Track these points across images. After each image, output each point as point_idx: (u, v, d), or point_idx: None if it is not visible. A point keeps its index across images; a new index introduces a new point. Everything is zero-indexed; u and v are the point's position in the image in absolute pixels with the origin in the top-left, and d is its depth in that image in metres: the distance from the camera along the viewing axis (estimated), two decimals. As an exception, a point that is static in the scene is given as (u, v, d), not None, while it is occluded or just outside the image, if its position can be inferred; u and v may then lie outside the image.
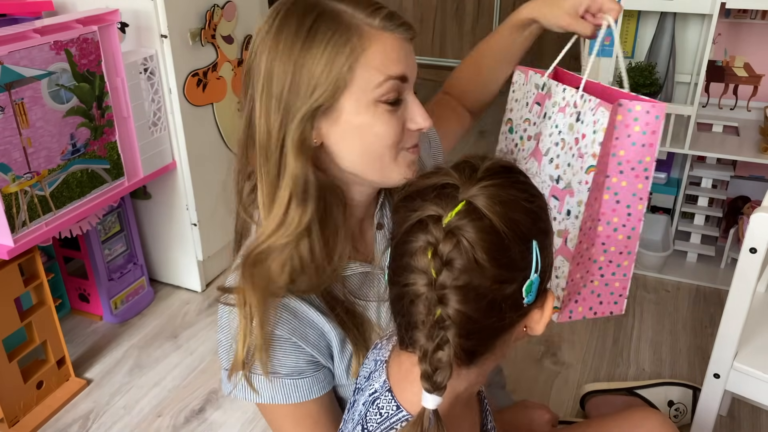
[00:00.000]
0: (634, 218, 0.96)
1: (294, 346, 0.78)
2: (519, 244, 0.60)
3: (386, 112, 0.73)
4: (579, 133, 0.93)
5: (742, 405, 1.50)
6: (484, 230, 0.58)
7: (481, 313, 0.59)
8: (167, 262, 1.97)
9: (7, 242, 1.34)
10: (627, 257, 1.00)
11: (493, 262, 0.58)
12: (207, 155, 1.85)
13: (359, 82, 0.71)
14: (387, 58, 0.72)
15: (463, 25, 3.79)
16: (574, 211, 0.95)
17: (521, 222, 0.60)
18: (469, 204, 0.59)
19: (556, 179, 0.97)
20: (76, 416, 1.53)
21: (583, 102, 0.93)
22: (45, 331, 1.52)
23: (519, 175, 0.65)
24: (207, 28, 1.74)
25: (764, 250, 0.98)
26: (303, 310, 0.79)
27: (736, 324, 1.05)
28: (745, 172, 2.00)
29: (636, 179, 0.93)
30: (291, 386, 0.80)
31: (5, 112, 1.28)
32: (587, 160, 0.91)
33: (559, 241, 0.98)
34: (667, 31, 1.88)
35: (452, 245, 0.58)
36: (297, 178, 0.73)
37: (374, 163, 0.76)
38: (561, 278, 0.99)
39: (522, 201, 0.61)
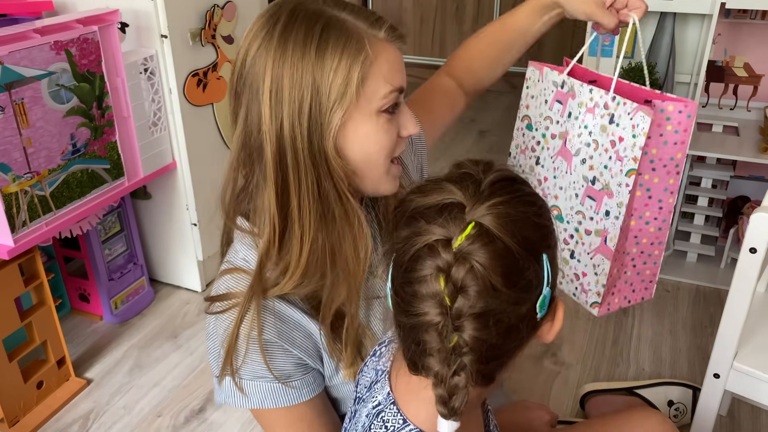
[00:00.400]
0: (665, 211, 0.99)
1: (281, 349, 0.78)
2: (533, 262, 0.58)
3: (387, 121, 0.75)
4: (615, 136, 0.94)
5: (742, 405, 1.50)
6: (497, 253, 0.56)
7: (499, 337, 0.57)
8: (167, 262, 1.97)
9: (7, 242, 1.34)
10: (658, 247, 1.03)
11: (509, 284, 0.56)
12: (207, 155, 1.85)
13: (368, 92, 0.72)
14: (392, 69, 0.74)
15: (463, 25, 3.79)
16: (614, 212, 0.96)
17: (533, 239, 0.59)
18: (479, 226, 0.56)
19: (591, 180, 0.99)
20: (76, 416, 1.53)
21: (616, 104, 0.94)
22: (45, 331, 1.52)
23: (524, 187, 0.63)
24: (207, 28, 1.74)
25: (764, 250, 0.98)
26: (288, 312, 0.78)
27: (736, 324, 1.05)
28: (745, 172, 2.00)
29: (668, 175, 0.96)
30: (279, 390, 0.79)
31: (5, 112, 1.28)
32: (627, 164, 0.93)
33: (598, 240, 1.01)
34: (667, 31, 1.88)
35: (465, 270, 0.55)
36: (331, 185, 0.74)
37: (372, 171, 0.77)
38: (601, 275, 1.02)
39: (531, 216, 0.59)
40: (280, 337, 0.78)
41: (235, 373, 0.78)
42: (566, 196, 1.07)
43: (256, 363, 0.77)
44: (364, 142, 0.74)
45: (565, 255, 1.10)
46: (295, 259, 0.76)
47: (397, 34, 0.76)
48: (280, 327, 0.78)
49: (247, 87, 0.73)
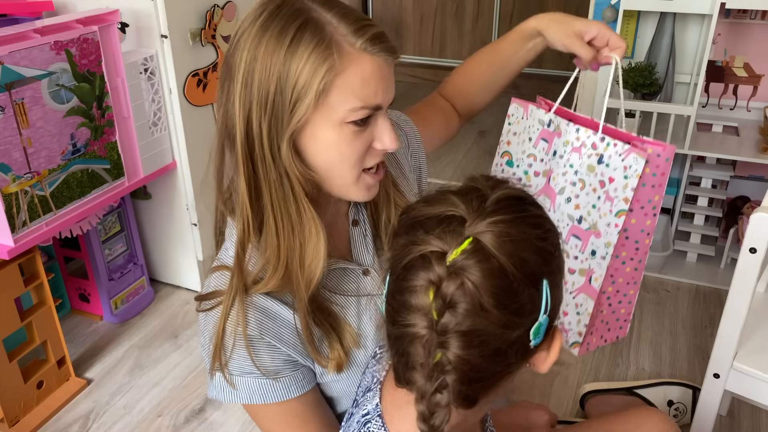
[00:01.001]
0: (642, 252, 0.98)
1: (268, 345, 0.78)
2: (529, 286, 0.56)
3: (352, 133, 0.73)
4: (604, 176, 0.94)
5: (742, 405, 1.50)
6: (491, 272, 0.54)
7: (484, 359, 0.55)
8: (167, 262, 1.97)
9: (8, 242, 1.34)
10: (633, 287, 1.02)
11: (499, 306, 0.54)
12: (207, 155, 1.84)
13: (332, 100, 0.71)
14: (364, 83, 0.71)
15: (463, 25, 3.79)
16: (601, 251, 0.96)
17: (532, 262, 0.56)
18: (476, 242, 0.55)
19: (577, 219, 0.98)
20: (76, 416, 1.53)
21: (605, 145, 0.94)
22: (45, 331, 1.52)
23: (532, 208, 0.60)
24: (207, 28, 1.74)
25: (764, 250, 0.98)
26: (275, 309, 0.78)
27: (736, 324, 1.05)
28: (744, 172, 2.00)
29: (645, 217, 0.95)
30: (268, 386, 0.79)
31: (5, 112, 1.28)
32: (618, 204, 0.93)
33: (582, 279, 0.99)
34: (667, 31, 1.88)
35: (456, 286, 0.54)
36: (289, 184, 0.74)
37: (336, 179, 0.77)
38: (583, 315, 1.01)
39: (534, 239, 0.57)
40: (265, 333, 0.77)
41: (224, 368, 0.78)
42: None
43: (243, 359, 0.77)
44: (326, 150, 0.74)
45: None
46: (274, 256, 0.75)
47: (382, 45, 0.71)
48: (264, 323, 0.78)
49: (228, 72, 0.74)
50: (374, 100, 0.72)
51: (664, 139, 1.84)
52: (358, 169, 0.76)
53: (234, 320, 0.76)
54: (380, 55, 0.71)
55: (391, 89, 0.75)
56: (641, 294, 1.92)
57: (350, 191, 0.78)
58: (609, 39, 0.95)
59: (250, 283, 0.77)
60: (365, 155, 0.76)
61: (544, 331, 0.58)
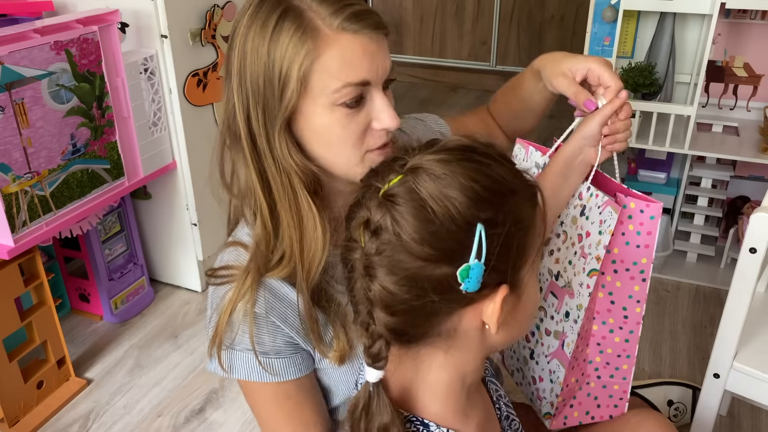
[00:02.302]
0: (632, 321, 0.91)
1: (272, 325, 0.78)
2: (452, 225, 0.56)
3: (345, 116, 0.73)
4: (583, 230, 0.87)
5: (742, 405, 1.50)
6: (414, 207, 0.56)
7: (404, 290, 0.57)
8: (167, 262, 1.97)
9: (8, 242, 1.34)
10: (626, 360, 0.95)
11: (419, 240, 0.56)
12: (207, 155, 1.84)
13: (315, 84, 0.71)
14: (345, 63, 0.70)
15: (463, 25, 3.79)
16: (573, 314, 0.89)
17: (458, 203, 0.56)
18: (406, 176, 0.58)
19: (555, 275, 0.92)
20: (76, 416, 1.53)
21: (589, 195, 0.87)
22: (45, 331, 1.52)
23: (480, 156, 0.60)
24: (207, 28, 1.74)
25: (764, 250, 0.98)
26: (284, 291, 0.79)
27: (736, 324, 1.05)
28: (744, 172, 2.00)
29: (631, 281, 0.87)
30: (267, 364, 0.80)
31: (5, 112, 1.28)
32: (590, 263, 0.85)
33: (556, 343, 0.93)
34: (667, 31, 1.88)
35: (381, 216, 0.57)
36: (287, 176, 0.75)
37: (339, 163, 0.77)
38: (555, 383, 0.94)
39: (465, 180, 0.57)
40: (271, 312, 0.78)
41: (225, 344, 0.79)
42: None
43: (246, 336, 0.78)
44: (322, 135, 0.74)
45: (525, 354, 1.01)
46: (288, 247, 0.77)
47: (363, 23, 0.70)
48: (272, 303, 0.78)
49: (227, 69, 0.76)
50: (356, 77, 0.71)
51: (664, 139, 1.85)
52: (359, 150, 0.75)
53: (243, 297, 0.77)
54: (362, 32, 0.71)
55: (380, 65, 0.73)
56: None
57: (356, 171, 0.76)
58: (601, 75, 0.85)
59: (264, 270, 0.78)
60: (364, 136, 0.75)
61: (480, 279, 0.57)
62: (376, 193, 0.59)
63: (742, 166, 1.97)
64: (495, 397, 0.78)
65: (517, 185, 0.60)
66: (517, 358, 1.04)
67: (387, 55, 0.74)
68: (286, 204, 0.76)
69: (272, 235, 0.77)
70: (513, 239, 0.59)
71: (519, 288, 0.62)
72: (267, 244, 0.77)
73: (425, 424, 0.64)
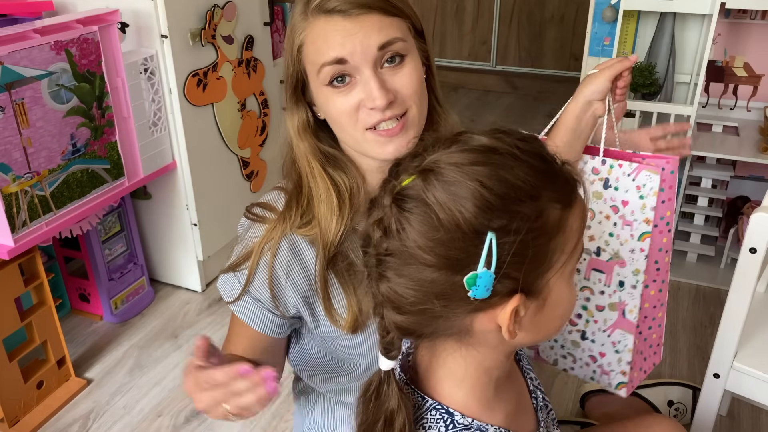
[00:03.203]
0: (663, 271, 0.94)
1: (274, 276, 0.82)
2: (457, 232, 0.54)
3: (334, 94, 0.77)
4: (616, 201, 0.90)
5: (742, 405, 1.50)
6: (421, 211, 0.55)
7: (410, 293, 0.57)
8: (167, 262, 1.97)
9: (8, 242, 1.34)
10: (660, 308, 0.98)
11: (423, 245, 0.55)
12: (207, 155, 1.85)
13: (308, 68, 0.79)
14: (318, 47, 0.76)
15: (463, 25, 3.79)
16: (630, 280, 0.91)
17: (466, 210, 0.54)
18: (417, 179, 0.56)
19: (595, 252, 0.94)
20: (76, 416, 1.53)
21: (609, 168, 0.90)
22: (45, 331, 1.52)
23: (500, 156, 0.56)
24: (207, 28, 1.74)
25: (764, 250, 0.98)
26: (303, 248, 0.82)
27: (736, 324, 1.05)
28: (744, 172, 2.00)
29: (660, 234, 0.91)
30: (244, 303, 0.84)
31: (5, 112, 1.28)
32: (639, 227, 0.88)
33: (615, 314, 0.94)
34: (667, 31, 1.88)
35: (391, 217, 0.57)
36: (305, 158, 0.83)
37: (347, 140, 0.81)
38: (624, 352, 0.96)
39: (477, 185, 0.54)
40: (281, 264, 0.82)
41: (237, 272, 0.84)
42: None
43: (256, 278, 0.82)
44: (325, 111, 0.81)
45: (574, 337, 1.02)
46: (314, 213, 0.81)
47: (327, 6, 0.74)
48: (287, 257, 0.82)
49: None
50: (328, 57, 0.75)
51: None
52: (357, 130, 0.78)
53: (267, 245, 0.82)
54: (335, 13, 0.74)
55: (360, 42, 0.74)
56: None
57: (365, 149, 0.80)
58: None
59: (296, 225, 0.82)
60: (356, 114, 0.77)
61: (489, 286, 0.55)
62: (391, 192, 0.58)
63: (742, 166, 1.97)
64: (532, 386, 0.78)
65: (541, 188, 0.56)
66: (561, 345, 1.05)
67: (373, 32, 0.74)
68: (305, 174, 0.82)
69: (300, 196, 0.82)
70: (528, 247, 0.55)
71: (541, 293, 0.59)
72: (297, 204, 0.82)
73: (450, 413, 0.64)
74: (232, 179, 1.98)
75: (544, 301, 0.60)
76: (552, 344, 1.07)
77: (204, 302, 1.93)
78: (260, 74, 2.00)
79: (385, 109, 0.76)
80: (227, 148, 1.92)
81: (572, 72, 3.46)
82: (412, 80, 0.78)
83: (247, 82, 1.94)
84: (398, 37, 0.76)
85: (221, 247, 1.98)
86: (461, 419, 0.64)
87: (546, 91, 3.57)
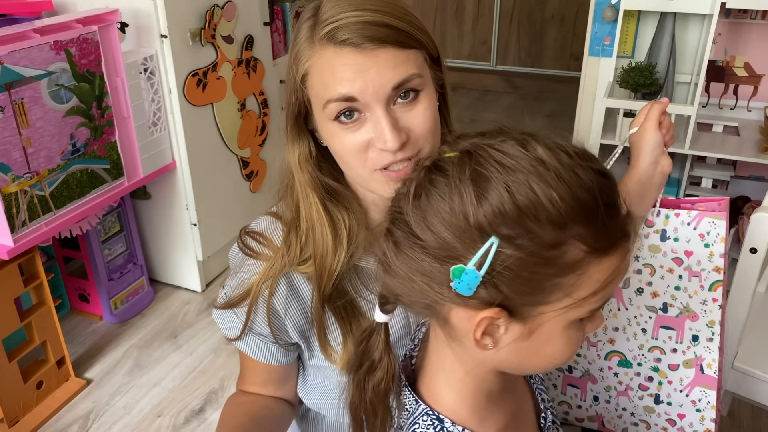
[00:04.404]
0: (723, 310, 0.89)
1: (272, 310, 0.80)
2: (463, 221, 0.54)
3: (340, 131, 0.70)
4: (678, 252, 0.84)
5: (742, 405, 1.50)
6: (442, 185, 0.55)
7: (398, 259, 0.57)
8: (167, 262, 1.97)
9: (7, 242, 1.34)
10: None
11: (429, 217, 0.55)
12: (207, 155, 1.85)
13: (312, 98, 0.72)
14: (325, 80, 0.68)
15: (463, 25, 3.79)
16: (705, 333, 0.86)
17: (482, 207, 0.53)
18: (458, 155, 0.56)
19: (661, 308, 0.88)
20: (76, 416, 1.53)
21: (664, 218, 0.84)
22: (45, 331, 1.52)
23: (551, 170, 0.53)
24: (207, 28, 1.74)
25: (764, 250, 0.98)
26: (301, 284, 0.80)
27: (736, 324, 1.05)
28: (745, 172, 2.00)
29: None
30: (255, 344, 0.83)
31: (5, 112, 1.28)
32: (709, 276, 0.83)
33: (691, 372, 0.89)
34: (667, 31, 1.88)
35: (418, 180, 0.57)
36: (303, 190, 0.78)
37: (353, 176, 0.76)
38: (707, 409, 0.90)
39: (503, 190, 0.53)
40: (279, 302, 0.80)
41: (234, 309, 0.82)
42: (627, 335, 0.92)
43: (256, 316, 0.81)
44: (329, 144, 0.74)
45: (647, 402, 0.95)
46: (312, 248, 0.78)
47: (340, 38, 0.67)
48: (285, 294, 0.80)
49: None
50: (336, 92, 0.68)
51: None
52: (364, 168, 0.72)
53: (265, 283, 0.79)
54: (347, 46, 0.67)
55: (373, 79, 0.67)
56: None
57: (372, 187, 0.74)
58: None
59: (294, 263, 0.79)
60: (365, 153, 0.71)
61: (472, 287, 0.54)
62: (432, 160, 0.57)
63: (743, 166, 1.97)
64: (543, 406, 0.77)
65: (572, 221, 0.53)
66: (631, 413, 0.98)
67: (387, 69, 0.68)
68: (304, 208, 0.78)
69: (298, 230, 0.79)
70: (528, 269, 0.53)
71: (528, 321, 0.56)
72: (296, 239, 0.79)
73: (441, 419, 0.64)
74: (232, 179, 1.98)
75: (530, 332, 0.57)
76: (620, 413, 0.99)
77: (204, 302, 1.93)
78: (260, 74, 2.00)
79: (398, 151, 0.70)
80: (227, 148, 1.92)
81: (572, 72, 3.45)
82: (426, 119, 0.71)
83: (246, 82, 1.94)
84: (414, 74, 0.69)
85: (221, 247, 1.98)
86: (451, 427, 0.64)
87: (546, 91, 3.57)
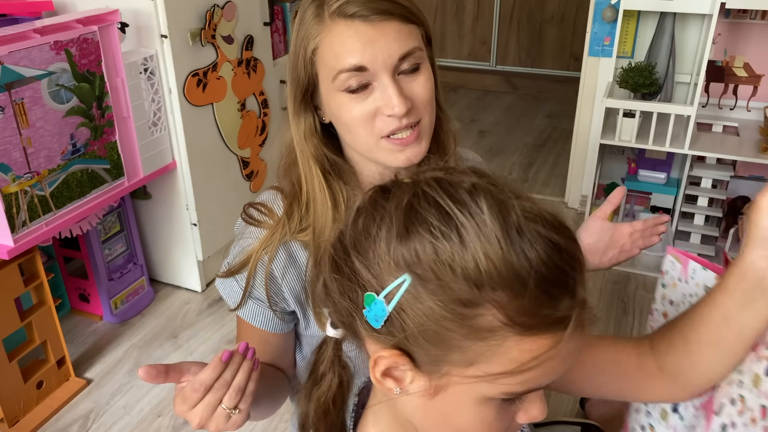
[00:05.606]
0: None
1: (271, 277, 0.82)
2: (383, 248, 0.50)
3: (350, 101, 0.75)
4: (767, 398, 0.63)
5: (742, 405, 1.50)
6: (381, 204, 0.53)
7: (330, 272, 0.55)
8: (167, 262, 1.97)
9: (7, 242, 1.34)
10: None
11: (356, 233, 0.53)
12: (207, 155, 1.85)
13: (321, 70, 0.76)
14: (336, 52, 0.73)
15: (463, 25, 3.79)
16: None
17: (404, 241, 0.49)
18: (413, 180, 0.53)
19: None
20: (76, 416, 1.53)
21: None
22: (45, 331, 1.52)
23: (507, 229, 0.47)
24: (207, 28, 1.74)
25: (764, 250, 0.98)
26: (298, 252, 0.82)
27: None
28: (745, 172, 2.00)
29: None
30: (253, 309, 0.85)
31: (5, 112, 1.28)
32: None
33: None
34: (667, 31, 1.88)
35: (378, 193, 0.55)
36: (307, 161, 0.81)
37: (358, 144, 0.79)
38: None
39: (428, 228, 0.48)
40: (277, 267, 0.82)
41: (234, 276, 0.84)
42: None
43: (255, 281, 0.83)
44: (337, 117, 0.78)
45: None
46: (311, 216, 0.81)
47: (357, 9, 0.72)
48: (284, 262, 0.82)
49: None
50: (347, 62, 0.73)
51: (664, 140, 1.85)
52: (370, 136, 0.77)
53: (265, 249, 0.82)
54: (356, 18, 0.72)
55: (382, 50, 0.72)
56: (641, 294, 1.91)
57: (377, 156, 0.79)
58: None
59: (294, 231, 0.82)
60: (372, 121, 0.75)
61: (380, 320, 0.50)
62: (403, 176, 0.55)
63: (743, 166, 1.97)
64: None
65: (492, 284, 0.47)
66: None
67: (394, 40, 0.73)
68: (305, 179, 0.81)
69: (299, 200, 0.81)
70: (434, 319, 0.48)
71: (432, 378, 0.51)
72: (298, 209, 0.81)
73: None
74: (232, 179, 1.98)
75: (436, 391, 0.52)
76: None
77: (204, 302, 1.93)
78: (260, 74, 2.01)
79: (403, 116, 0.75)
80: (227, 148, 1.92)
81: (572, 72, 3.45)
82: (427, 89, 0.77)
83: (246, 82, 1.94)
84: (417, 47, 0.75)
85: (221, 247, 1.98)
86: None
87: (546, 91, 3.57)
